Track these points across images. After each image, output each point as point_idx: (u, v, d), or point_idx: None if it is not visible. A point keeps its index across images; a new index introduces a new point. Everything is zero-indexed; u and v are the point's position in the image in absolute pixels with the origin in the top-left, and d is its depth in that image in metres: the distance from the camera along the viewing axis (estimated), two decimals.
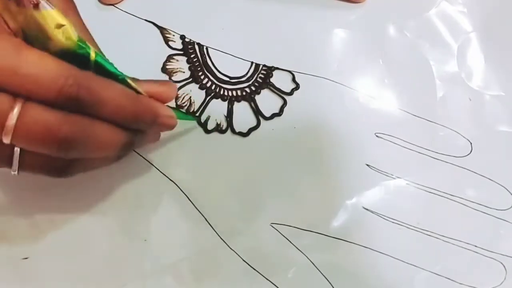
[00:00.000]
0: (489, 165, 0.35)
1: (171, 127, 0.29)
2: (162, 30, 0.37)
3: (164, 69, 0.36)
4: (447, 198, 0.34)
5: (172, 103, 0.35)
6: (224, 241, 0.32)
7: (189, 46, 0.36)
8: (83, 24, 0.28)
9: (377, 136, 0.35)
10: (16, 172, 0.24)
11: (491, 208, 0.34)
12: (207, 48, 0.36)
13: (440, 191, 0.34)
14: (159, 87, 0.28)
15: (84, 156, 0.25)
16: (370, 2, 0.38)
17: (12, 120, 0.21)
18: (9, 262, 0.31)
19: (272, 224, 0.32)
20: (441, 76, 0.37)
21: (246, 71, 0.36)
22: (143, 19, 0.37)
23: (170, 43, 0.36)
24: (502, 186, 0.34)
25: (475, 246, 0.33)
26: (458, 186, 0.34)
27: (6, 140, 0.22)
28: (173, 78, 0.35)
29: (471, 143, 0.35)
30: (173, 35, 0.37)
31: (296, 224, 0.33)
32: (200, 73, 0.36)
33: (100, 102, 0.23)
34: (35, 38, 0.23)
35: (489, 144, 0.35)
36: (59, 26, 0.22)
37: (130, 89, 0.26)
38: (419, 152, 0.35)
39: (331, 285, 0.32)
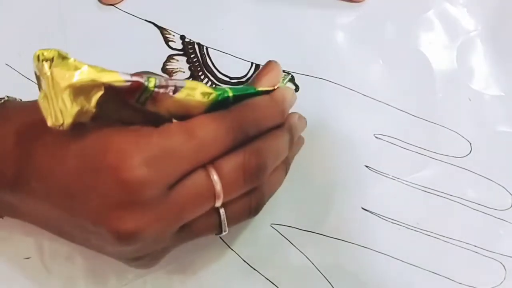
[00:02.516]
0: (488, 165, 0.35)
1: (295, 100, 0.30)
2: (162, 30, 0.37)
3: (164, 69, 0.36)
4: (446, 198, 0.34)
5: None
6: (224, 241, 0.32)
7: (189, 46, 0.36)
8: None
9: (376, 137, 0.35)
10: (227, 232, 0.26)
11: (490, 208, 0.34)
12: (207, 48, 0.36)
13: (440, 192, 0.34)
14: (270, 74, 0.29)
15: (274, 167, 0.26)
16: (370, 2, 0.38)
17: (218, 184, 0.23)
18: (11, 261, 0.31)
19: (272, 225, 0.33)
20: (441, 77, 0.37)
21: (246, 71, 0.36)
22: (143, 19, 0.37)
23: (170, 43, 0.36)
24: (502, 186, 0.34)
25: (475, 246, 0.33)
26: (457, 186, 0.34)
27: (219, 203, 0.24)
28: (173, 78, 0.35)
29: (470, 144, 0.35)
30: (173, 35, 0.37)
31: (296, 224, 0.33)
32: (200, 73, 0.36)
33: (260, 124, 0.25)
34: (172, 115, 0.23)
35: (488, 144, 0.35)
36: (193, 90, 0.23)
37: (264, 95, 0.27)
38: (418, 153, 0.35)
39: (331, 285, 0.32)
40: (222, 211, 0.25)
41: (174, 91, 0.22)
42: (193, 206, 0.23)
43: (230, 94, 0.25)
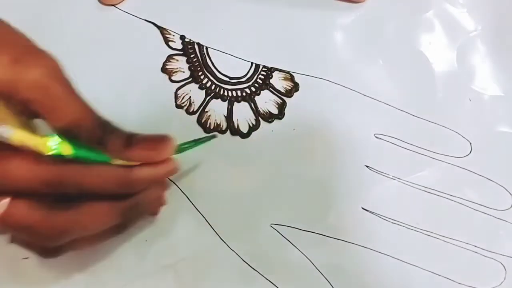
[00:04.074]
0: (488, 165, 0.35)
1: (175, 172, 0.28)
2: (162, 30, 0.37)
3: (164, 69, 0.36)
4: (446, 198, 0.34)
5: (172, 104, 0.35)
6: (224, 241, 0.32)
7: (189, 46, 0.36)
8: (65, 93, 0.25)
9: (376, 137, 0.35)
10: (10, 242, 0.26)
11: (490, 208, 0.34)
12: (207, 48, 0.36)
13: (440, 192, 0.34)
14: (149, 153, 0.26)
15: (74, 237, 0.25)
16: (370, 2, 0.38)
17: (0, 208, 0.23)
18: (10, 262, 0.31)
19: (272, 225, 0.33)
20: (441, 77, 0.37)
21: (246, 71, 0.36)
22: (143, 19, 0.37)
23: (170, 43, 0.36)
24: (502, 186, 0.34)
25: (475, 246, 0.33)
26: (457, 187, 0.34)
27: None
28: (173, 78, 0.35)
29: (470, 144, 0.35)
30: (173, 35, 0.37)
31: (296, 225, 0.33)
32: (200, 73, 0.36)
33: (84, 190, 0.24)
34: None
35: (488, 144, 0.35)
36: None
37: (117, 167, 0.25)
38: (418, 153, 0.35)
39: (331, 285, 0.32)
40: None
41: None
42: None
43: (67, 152, 0.24)
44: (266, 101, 0.35)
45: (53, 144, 0.24)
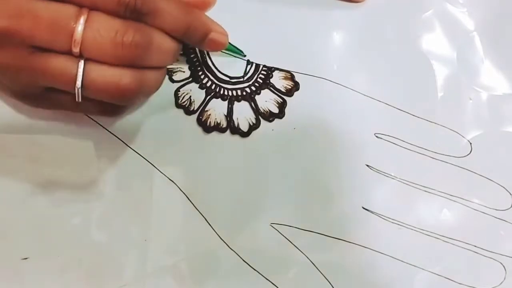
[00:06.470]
0: (489, 165, 0.35)
1: (222, 45, 0.31)
2: None
3: None
4: (446, 198, 0.34)
5: (172, 104, 0.35)
6: (224, 241, 0.32)
7: (189, 46, 0.36)
8: None
9: (377, 136, 0.35)
10: (79, 89, 0.25)
11: (490, 208, 0.34)
12: None
13: (440, 192, 0.34)
14: None
15: (148, 63, 0.27)
16: (370, 2, 0.38)
17: (80, 25, 0.24)
18: (9, 262, 0.31)
19: (272, 224, 0.33)
20: (442, 76, 0.37)
21: (247, 71, 0.36)
22: None
23: None
24: (502, 186, 0.34)
25: (475, 246, 0.33)
26: (457, 187, 0.34)
27: (76, 48, 0.24)
28: (173, 77, 0.35)
29: (471, 144, 0.35)
30: None
31: (296, 224, 0.33)
32: (200, 73, 0.36)
33: (156, 12, 0.26)
34: None
35: (489, 144, 0.35)
36: None
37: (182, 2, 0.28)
38: (418, 153, 0.35)
39: (331, 285, 0.32)
40: (81, 63, 0.25)
41: None
42: (49, 29, 0.24)
43: None
44: (267, 100, 0.35)
45: None
